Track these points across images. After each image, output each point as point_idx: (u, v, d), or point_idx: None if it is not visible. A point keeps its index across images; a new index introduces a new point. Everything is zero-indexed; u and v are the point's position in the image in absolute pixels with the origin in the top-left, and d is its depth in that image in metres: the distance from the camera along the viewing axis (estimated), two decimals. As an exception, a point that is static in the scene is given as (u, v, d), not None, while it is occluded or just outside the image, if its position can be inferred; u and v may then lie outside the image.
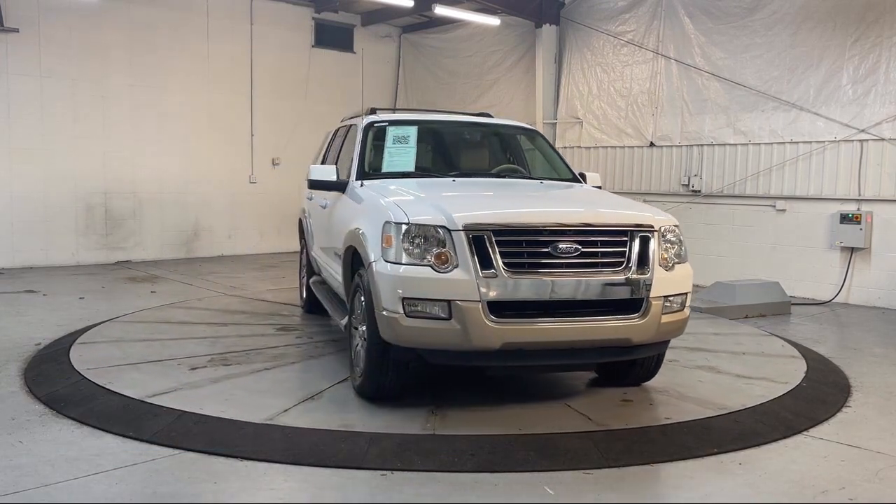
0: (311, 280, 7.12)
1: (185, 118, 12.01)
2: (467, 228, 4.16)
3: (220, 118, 12.41)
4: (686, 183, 10.39)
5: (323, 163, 6.92)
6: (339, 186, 5.59)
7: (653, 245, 4.44)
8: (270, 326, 6.89)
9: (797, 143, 9.31)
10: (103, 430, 4.17)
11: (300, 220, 7.90)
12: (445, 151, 6.30)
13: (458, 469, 3.75)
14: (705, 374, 5.52)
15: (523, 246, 4.24)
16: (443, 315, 4.12)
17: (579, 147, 11.50)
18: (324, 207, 6.24)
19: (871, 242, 8.74)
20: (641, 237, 4.43)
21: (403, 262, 4.20)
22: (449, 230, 4.18)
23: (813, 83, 9.11)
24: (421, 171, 5.71)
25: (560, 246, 4.22)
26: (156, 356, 5.65)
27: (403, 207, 4.39)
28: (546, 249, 4.22)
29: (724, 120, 9.97)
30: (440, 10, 11.14)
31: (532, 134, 6.55)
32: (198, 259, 12.09)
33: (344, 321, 5.23)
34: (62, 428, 4.23)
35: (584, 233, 4.32)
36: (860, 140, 8.77)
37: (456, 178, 5.59)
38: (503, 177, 5.88)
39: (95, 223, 11.27)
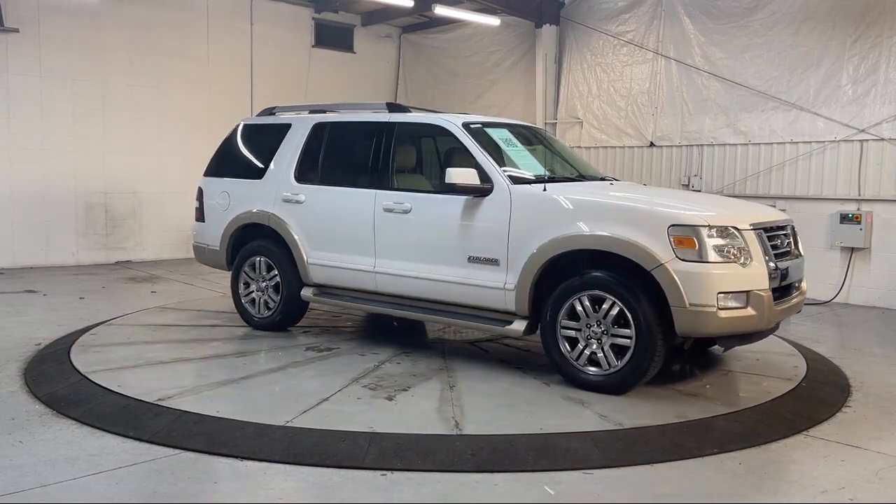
0: (306, 292, 6.45)
1: (185, 118, 12.00)
2: (753, 227, 4.85)
3: (220, 118, 12.32)
4: (686, 183, 10.38)
5: (299, 166, 6.62)
6: (482, 191, 5.34)
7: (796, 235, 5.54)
8: (299, 348, 6.03)
9: (797, 143, 9.31)
10: (103, 430, 4.18)
11: (251, 225, 6.84)
12: (535, 154, 6.31)
13: (458, 469, 3.75)
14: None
15: (768, 241, 4.95)
16: (741, 304, 4.66)
17: (579, 147, 11.48)
18: (404, 212, 5.76)
19: (870, 242, 8.74)
20: (796, 229, 5.54)
21: (713, 260, 4.61)
22: (739, 229, 4.76)
23: (813, 83, 9.11)
24: (548, 175, 5.87)
25: (784, 239, 5.20)
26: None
27: (687, 211, 4.86)
28: (776, 242, 5.06)
29: (724, 120, 9.97)
30: (440, 10, 11.13)
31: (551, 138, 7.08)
32: (198, 259, 12.07)
33: (518, 326, 5.22)
34: (62, 428, 4.23)
35: (783, 227, 5.31)
36: (860, 140, 8.77)
37: (613, 182, 6.05)
38: (603, 179, 6.27)
39: (95, 223, 11.27)
